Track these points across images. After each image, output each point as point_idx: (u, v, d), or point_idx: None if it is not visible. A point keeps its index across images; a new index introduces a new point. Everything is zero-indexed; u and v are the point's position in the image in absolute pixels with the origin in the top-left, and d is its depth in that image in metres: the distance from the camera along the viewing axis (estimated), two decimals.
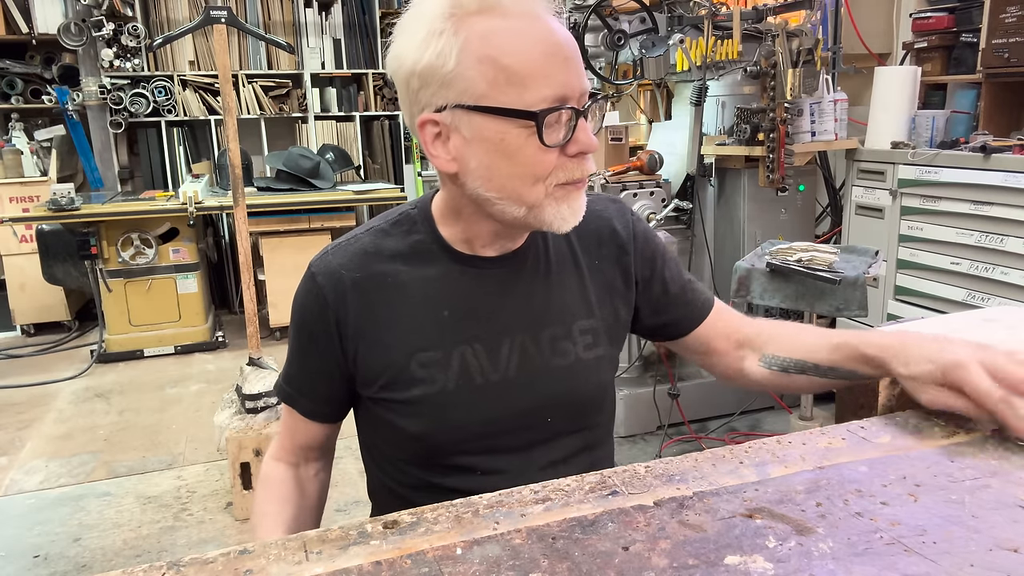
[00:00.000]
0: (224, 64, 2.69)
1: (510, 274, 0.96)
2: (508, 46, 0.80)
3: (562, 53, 0.81)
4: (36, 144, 4.64)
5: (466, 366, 0.93)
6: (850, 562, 0.56)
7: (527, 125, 0.80)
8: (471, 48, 0.80)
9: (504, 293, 0.95)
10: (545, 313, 0.96)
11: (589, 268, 1.01)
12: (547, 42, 0.81)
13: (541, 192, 0.84)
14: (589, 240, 1.02)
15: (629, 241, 1.03)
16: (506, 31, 0.80)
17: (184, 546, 2.41)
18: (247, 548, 0.60)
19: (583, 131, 0.83)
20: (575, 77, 0.82)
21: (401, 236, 0.96)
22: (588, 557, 0.57)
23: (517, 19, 0.81)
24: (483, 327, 0.94)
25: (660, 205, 2.92)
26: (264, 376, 2.59)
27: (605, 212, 1.04)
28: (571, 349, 0.97)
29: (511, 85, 0.80)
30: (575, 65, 0.82)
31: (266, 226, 4.26)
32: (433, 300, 0.93)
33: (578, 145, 0.83)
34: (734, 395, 3.21)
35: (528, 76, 0.80)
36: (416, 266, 0.94)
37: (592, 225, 1.01)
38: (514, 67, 0.79)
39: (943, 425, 0.78)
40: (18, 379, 3.94)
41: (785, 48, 2.77)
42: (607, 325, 1.01)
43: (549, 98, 0.80)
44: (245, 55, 5.11)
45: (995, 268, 2.54)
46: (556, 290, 0.98)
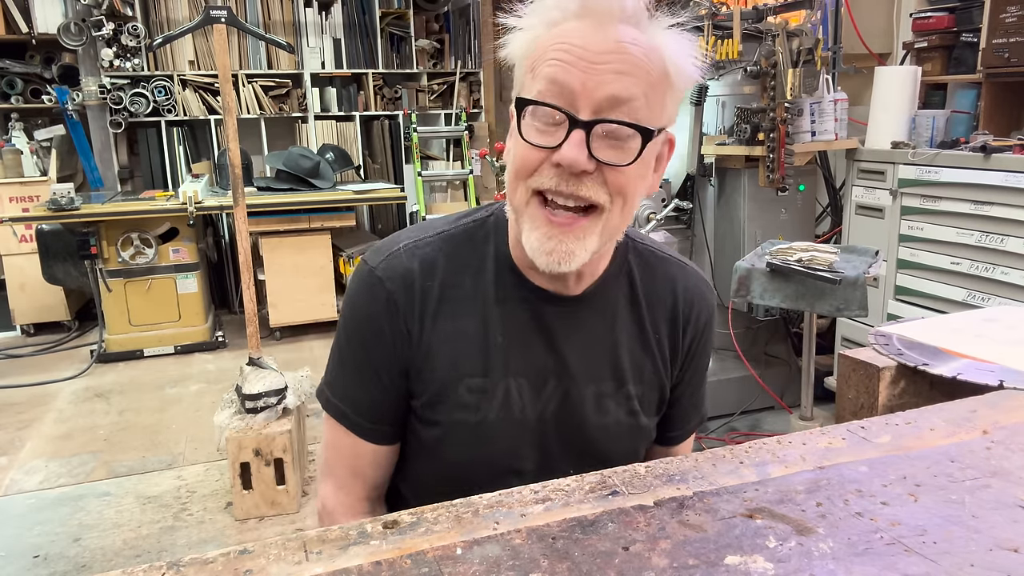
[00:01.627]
0: (224, 64, 2.69)
1: (572, 316, 0.91)
2: (550, 40, 0.77)
3: (584, 54, 0.75)
4: (36, 144, 4.64)
5: (508, 399, 0.89)
6: (850, 562, 0.56)
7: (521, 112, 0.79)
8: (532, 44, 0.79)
9: (561, 336, 0.91)
10: (597, 368, 0.92)
11: (652, 334, 0.95)
12: (578, 40, 0.76)
13: (522, 195, 0.80)
14: (660, 307, 0.96)
15: (696, 324, 0.98)
16: (561, 29, 0.77)
17: (184, 546, 2.41)
18: (247, 548, 0.60)
19: (569, 143, 0.75)
20: (587, 81, 0.75)
21: (473, 247, 0.91)
22: (588, 557, 0.57)
23: (581, 21, 0.77)
24: (532, 363, 0.90)
25: (660, 205, 2.92)
26: (264, 376, 2.59)
27: (687, 282, 0.98)
28: (612, 410, 0.93)
29: (532, 74, 0.78)
30: (597, 70, 0.75)
31: (266, 226, 4.26)
32: (490, 325, 0.89)
33: (558, 154, 0.76)
34: (734, 395, 3.21)
35: (542, 68, 0.77)
36: (481, 283, 0.89)
37: (667, 289, 0.96)
38: (540, 57, 0.77)
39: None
40: (18, 379, 3.94)
41: (785, 48, 2.77)
42: (651, 396, 0.97)
43: (544, 91, 0.76)
44: (245, 55, 5.11)
45: (995, 268, 2.54)
46: (614, 347, 0.93)
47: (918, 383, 1.04)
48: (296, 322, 4.46)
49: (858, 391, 1.04)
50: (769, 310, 3.06)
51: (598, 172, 0.77)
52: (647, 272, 0.96)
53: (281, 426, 2.52)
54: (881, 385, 1.00)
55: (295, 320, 4.45)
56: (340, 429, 0.93)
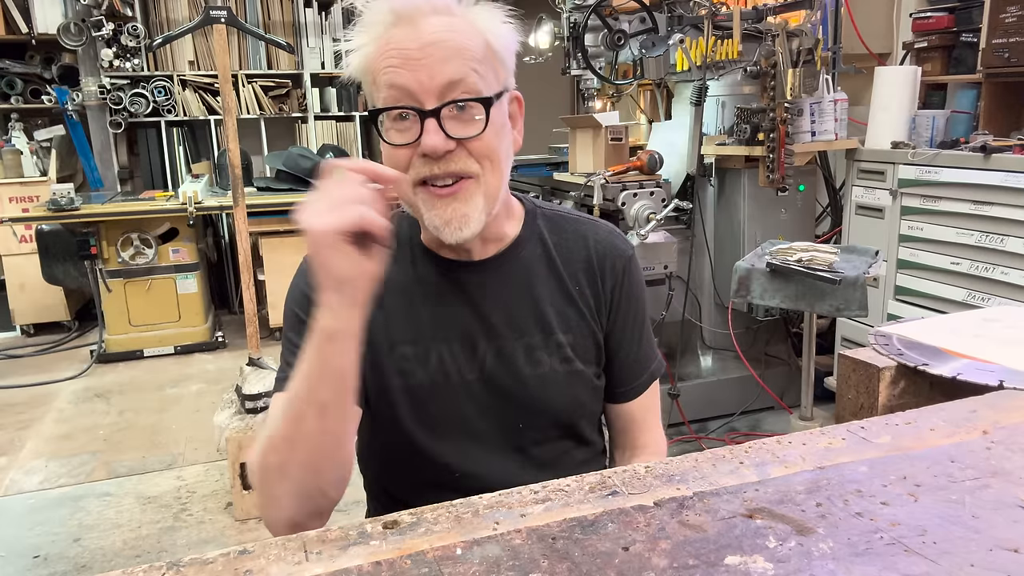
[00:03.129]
0: (224, 64, 2.69)
1: (489, 279, 0.98)
2: (378, 51, 0.86)
3: (410, 52, 0.83)
4: (36, 144, 4.64)
5: (443, 363, 0.95)
6: (850, 562, 0.56)
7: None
8: (364, 61, 0.88)
9: (483, 297, 0.97)
10: (522, 322, 0.98)
11: (572, 286, 1.01)
12: (402, 43, 0.84)
13: (409, 188, 0.88)
14: (576, 261, 1.02)
15: (613, 272, 1.03)
16: (385, 39, 0.86)
17: (184, 546, 2.41)
18: (247, 548, 0.60)
19: (427, 133, 0.84)
20: (421, 74, 0.83)
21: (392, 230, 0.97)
22: (588, 557, 0.57)
23: (399, 27, 0.85)
24: (459, 328, 0.96)
25: (660, 205, 2.92)
26: (264, 376, 2.59)
27: (597, 235, 1.04)
28: (546, 360, 0.98)
29: (373, 87, 0.88)
30: (426, 62, 0.83)
31: (266, 226, 4.26)
32: (413, 298, 0.97)
33: (420, 146, 0.85)
34: (734, 395, 3.21)
35: (377, 74, 0.86)
36: (400, 261, 0.96)
37: (580, 245, 1.03)
38: (375, 69, 0.86)
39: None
40: (18, 379, 3.94)
41: (785, 48, 2.77)
42: (583, 343, 1.01)
43: (387, 93, 0.85)
44: (245, 55, 5.11)
45: (995, 268, 2.54)
46: (536, 302, 0.99)
47: (918, 383, 1.04)
48: None
49: (858, 391, 1.04)
50: (769, 310, 3.06)
51: (460, 147, 0.86)
52: (557, 233, 1.03)
53: None
54: (881, 385, 1.00)
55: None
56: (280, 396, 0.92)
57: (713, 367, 3.28)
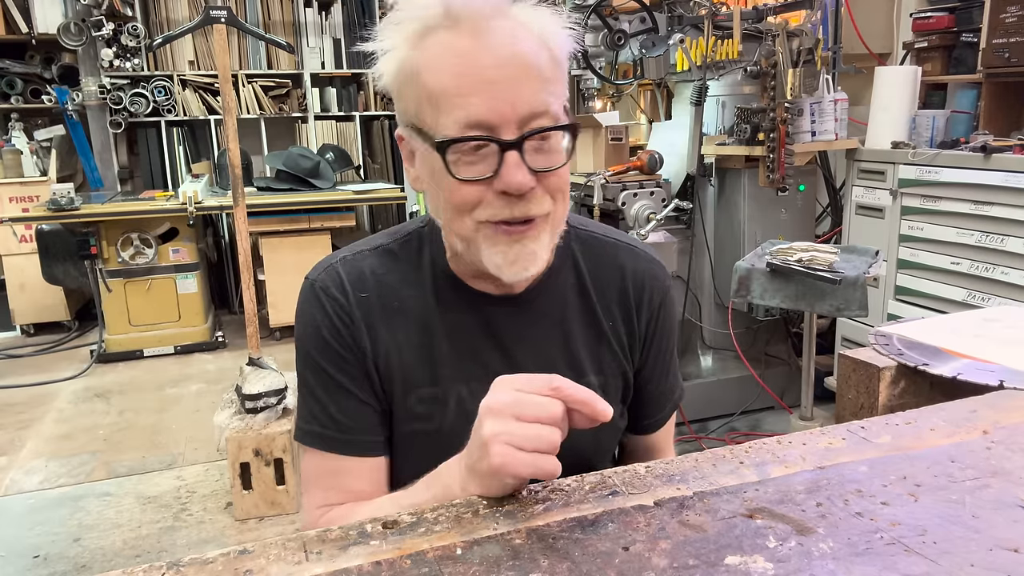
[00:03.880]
0: (224, 64, 2.69)
1: (519, 316, 0.89)
2: (433, 62, 0.74)
3: (485, 72, 0.72)
4: (36, 144, 4.64)
5: (463, 407, 0.87)
6: (850, 562, 0.56)
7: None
8: (408, 64, 0.76)
9: (511, 334, 0.89)
10: (552, 364, 0.89)
11: (605, 321, 0.93)
12: (469, 57, 0.72)
13: (470, 226, 0.77)
14: (610, 292, 0.93)
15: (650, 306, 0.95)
16: (438, 44, 0.74)
17: (184, 546, 2.41)
18: (247, 548, 0.60)
19: (508, 168, 0.73)
20: (502, 101, 0.72)
21: (409, 258, 0.90)
22: (588, 557, 0.57)
23: (454, 31, 0.73)
24: (483, 368, 0.87)
25: (660, 205, 2.92)
26: (264, 376, 2.59)
27: (636, 265, 0.95)
28: None
29: (431, 107, 0.74)
30: (506, 86, 0.72)
31: (266, 226, 4.26)
32: (433, 333, 0.88)
33: (501, 183, 0.74)
34: (734, 395, 3.21)
35: (443, 97, 0.73)
36: (421, 292, 0.88)
37: (616, 275, 0.94)
38: (432, 86, 0.74)
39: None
40: (18, 379, 3.94)
41: (785, 48, 2.77)
42: (614, 384, 0.94)
43: (462, 123, 0.73)
44: (245, 55, 5.11)
45: (995, 268, 2.54)
46: (567, 340, 0.91)
47: (918, 383, 1.04)
48: None
49: (858, 391, 1.04)
50: (769, 310, 3.06)
51: (538, 182, 0.76)
52: (593, 259, 0.94)
53: (281, 426, 2.53)
54: (881, 385, 1.00)
55: (295, 320, 4.44)
56: (314, 452, 0.89)
57: (713, 367, 3.28)
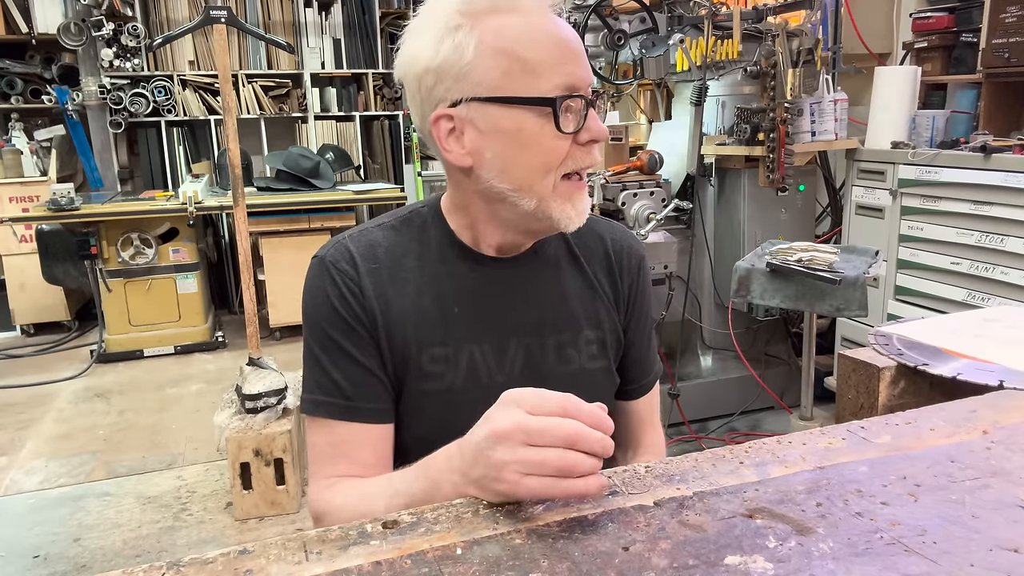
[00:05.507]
0: (224, 64, 2.69)
1: (520, 275, 0.97)
2: (523, 38, 0.84)
3: (572, 46, 0.86)
4: (36, 144, 4.64)
5: (474, 365, 0.93)
6: (850, 562, 0.56)
7: (544, 112, 0.83)
8: (487, 41, 0.83)
9: (513, 294, 0.96)
10: (553, 318, 0.97)
11: (596, 282, 1.02)
12: (558, 36, 0.85)
13: (550, 184, 0.86)
14: (596, 258, 1.03)
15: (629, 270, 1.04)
16: (519, 25, 0.84)
17: (184, 546, 2.41)
18: (247, 548, 0.60)
19: (594, 119, 0.86)
20: (584, 70, 0.86)
21: (412, 233, 0.96)
22: (588, 557, 0.57)
23: (529, 15, 0.85)
24: (491, 327, 0.94)
25: (660, 205, 2.92)
26: (264, 376, 2.59)
27: (614, 235, 1.06)
28: (576, 357, 0.97)
29: (526, 75, 0.83)
30: (584, 59, 0.87)
31: (266, 226, 4.26)
32: (443, 296, 0.94)
33: (590, 132, 0.86)
34: (734, 395, 3.21)
35: (542, 66, 0.83)
36: (427, 262, 0.95)
37: (599, 243, 1.03)
38: (529, 57, 0.83)
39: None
40: (18, 379, 3.94)
41: (785, 48, 2.77)
42: (610, 338, 1.01)
43: (562, 87, 0.84)
44: (245, 55, 5.11)
45: (995, 268, 2.54)
46: (564, 297, 0.98)
47: (918, 383, 1.04)
48: (296, 322, 4.45)
49: (858, 391, 1.04)
50: (769, 310, 3.06)
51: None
52: (576, 233, 0.99)
53: (281, 426, 2.53)
54: (881, 385, 1.00)
55: (295, 320, 4.44)
56: (320, 423, 0.92)
57: (713, 367, 3.28)
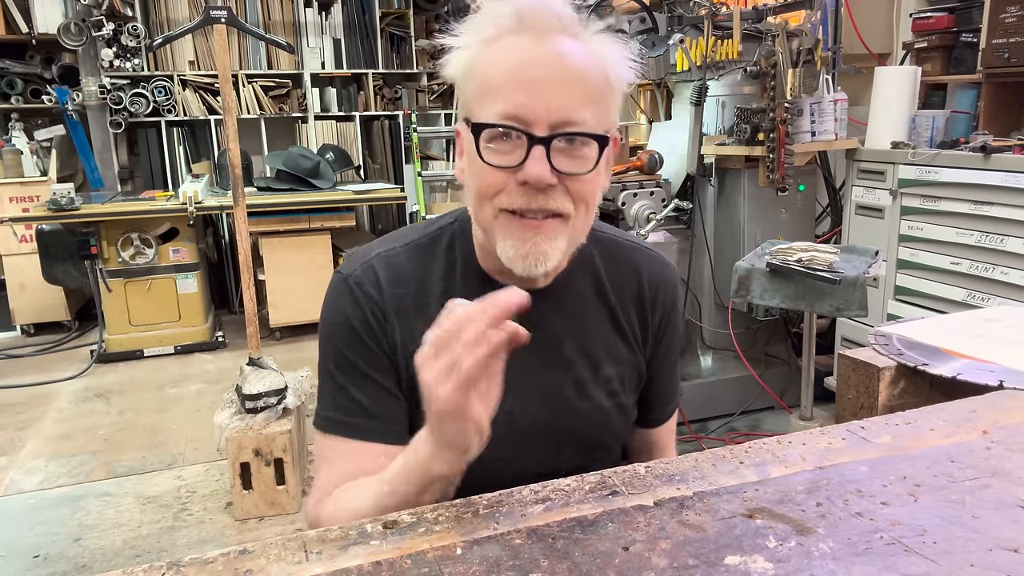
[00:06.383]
0: (224, 64, 2.69)
1: (543, 309, 0.90)
2: (496, 59, 0.80)
3: (533, 73, 0.78)
4: (36, 144, 4.64)
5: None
6: (850, 562, 0.56)
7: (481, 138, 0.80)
8: (474, 60, 0.82)
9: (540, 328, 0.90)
10: (574, 355, 0.94)
11: (622, 316, 0.98)
12: (527, 60, 0.78)
13: (489, 213, 0.82)
14: (627, 292, 0.99)
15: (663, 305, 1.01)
16: (506, 46, 0.80)
17: (184, 546, 2.41)
18: (247, 548, 0.60)
19: (532, 160, 0.78)
20: (540, 101, 0.77)
21: (439, 254, 0.93)
22: (588, 557, 0.57)
23: (520, 36, 0.80)
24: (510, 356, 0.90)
25: (660, 205, 2.92)
26: (264, 376, 2.59)
27: (651, 267, 1.01)
28: (594, 394, 0.95)
29: (483, 97, 0.80)
30: (548, 89, 0.78)
31: (266, 226, 4.26)
32: None
33: (522, 173, 0.78)
34: (734, 395, 3.21)
35: (496, 89, 0.79)
36: (452, 286, 0.91)
37: (632, 276, 0.99)
38: (489, 79, 0.80)
39: None
40: (18, 379, 3.94)
41: (785, 48, 2.77)
42: (630, 376, 0.99)
43: (500, 113, 0.78)
44: (245, 55, 5.11)
45: (995, 268, 2.54)
46: (587, 333, 0.95)
47: (918, 383, 1.04)
48: (296, 322, 4.46)
49: (858, 391, 1.04)
50: (769, 310, 3.06)
51: (560, 183, 0.80)
52: (611, 261, 0.99)
53: (281, 426, 2.52)
54: (881, 385, 1.00)
55: (295, 320, 4.44)
56: (334, 440, 0.91)
57: (713, 367, 3.28)
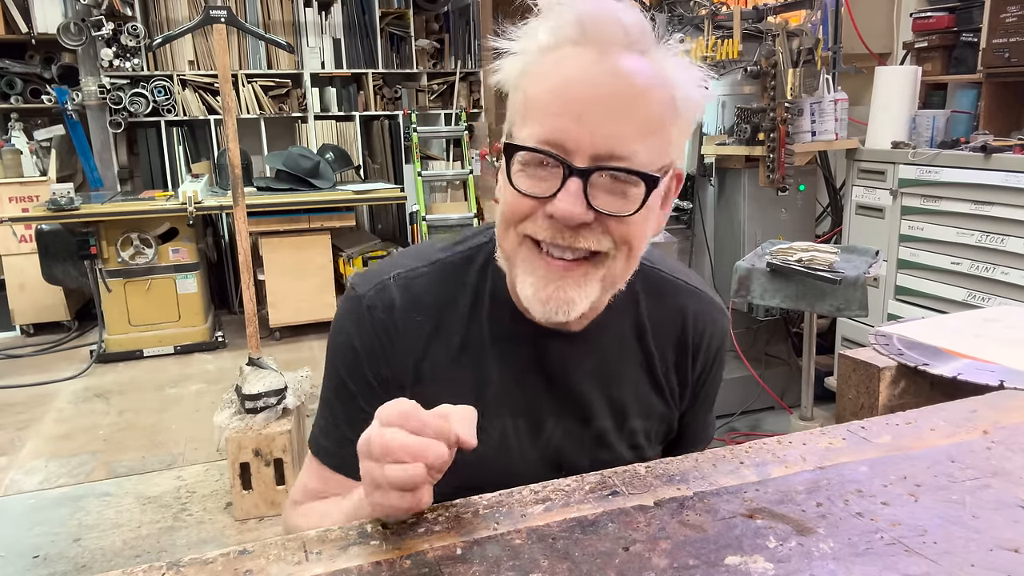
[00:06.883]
0: (224, 64, 2.69)
1: (572, 353, 0.86)
2: (544, 73, 0.71)
3: (582, 93, 0.68)
4: (36, 144, 4.64)
5: (505, 439, 0.85)
6: (850, 562, 0.56)
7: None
8: (525, 70, 0.74)
9: (563, 371, 0.86)
10: (600, 405, 0.87)
11: (659, 364, 0.90)
12: (574, 76, 0.69)
13: (514, 240, 0.75)
14: (668, 335, 0.91)
15: (706, 352, 0.93)
16: (556, 58, 0.71)
17: (184, 546, 2.41)
18: (247, 548, 0.60)
19: (565, 193, 0.69)
20: (585, 127, 0.68)
21: (467, 279, 0.86)
22: (588, 557, 0.57)
23: (580, 49, 0.70)
24: (530, 402, 0.85)
25: None
26: (264, 376, 2.59)
27: (698, 307, 0.92)
28: (615, 446, 0.89)
29: (526, 113, 0.72)
30: (596, 114, 0.68)
31: (266, 226, 4.26)
32: (483, 361, 0.85)
33: (551, 206, 0.70)
34: (734, 395, 3.21)
35: (537, 107, 0.71)
36: (477, 315, 0.85)
37: (676, 318, 0.91)
38: (533, 94, 0.72)
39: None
40: (18, 379, 3.94)
41: (785, 48, 2.77)
42: (657, 428, 0.93)
43: (537, 137, 0.70)
44: (245, 55, 5.11)
45: (995, 268, 2.54)
46: (618, 383, 0.88)
47: (918, 383, 1.04)
48: (296, 322, 4.46)
49: (858, 391, 1.04)
50: (769, 310, 3.06)
51: (598, 221, 0.71)
52: (655, 299, 0.90)
53: (281, 426, 2.52)
54: (881, 385, 1.00)
55: (295, 320, 4.44)
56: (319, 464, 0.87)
57: None
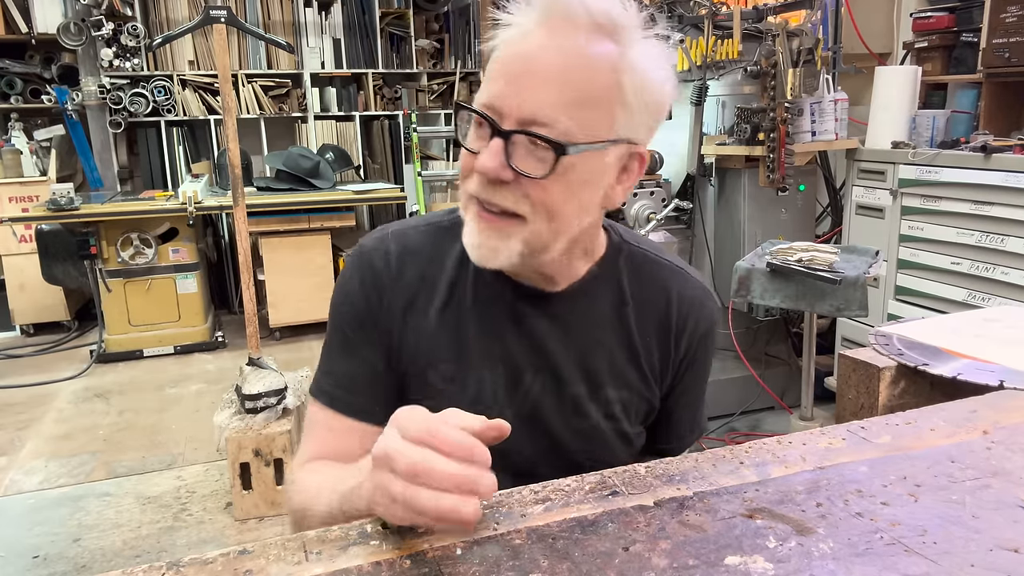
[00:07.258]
0: (224, 64, 2.69)
1: (549, 314, 0.90)
2: (503, 46, 0.79)
3: (522, 66, 0.76)
4: (35, 144, 4.64)
5: (481, 391, 0.89)
6: (850, 562, 0.56)
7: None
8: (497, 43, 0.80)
9: (538, 329, 0.90)
10: (575, 368, 0.90)
11: (639, 342, 0.93)
12: (523, 50, 0.76)
13: (465, 197, 0.82)
14: (651, 315, 0.93)
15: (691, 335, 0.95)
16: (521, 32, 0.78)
17: (184, 546, 2.41)
18: (247, 548, 0.60)
19: (486, 151, 0.76)
20: (514, 94, 0.75)
21: (459, 240, 0.89)
22: (588, 557, 0.57)
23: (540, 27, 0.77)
24: (510, 357, 0.89)
25: (660, 205, 2.92)
26: (264, 376, 2.59)
27: (684, 291, 0.95)
28: (592, 413, 0.91)
29: (484, 80, 0.81)
30: (528, 83, 0.75)
31: (266, 226, 4.26)
32: (465, 314, 0.89)
33: (476, 162, 0.77)
34: (734, 395, 3.21)
35: (488, 76, 0.79)
36: (462, 274, 0.90)
37: (660, 296, 0.94)
38: (492, 62, 0.80)
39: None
40: (18, 379, 3.94)
41: (785, 48, 2.77)
42: (636, 405, 0.94)
43: (480, 100, 0.78)
44: (245, 55, 5.11)
45: (995, 268, 2.54)
46: (594, 349, 0.91)
47: (918, 383, 1.04)
48: (296, 322, 4.46)
49: (858, 391, 1.04)
50: (769, 310, 3.06)
51: (517, 183, 0.77)
52: (638, 277, 0.94)
53: (281, 426, 2.52)
54: (881, 385, 1.00)
55: (295, 320, 4.44)
56: (320, 409, 0.92)
57: (713, 367, 3.27)
